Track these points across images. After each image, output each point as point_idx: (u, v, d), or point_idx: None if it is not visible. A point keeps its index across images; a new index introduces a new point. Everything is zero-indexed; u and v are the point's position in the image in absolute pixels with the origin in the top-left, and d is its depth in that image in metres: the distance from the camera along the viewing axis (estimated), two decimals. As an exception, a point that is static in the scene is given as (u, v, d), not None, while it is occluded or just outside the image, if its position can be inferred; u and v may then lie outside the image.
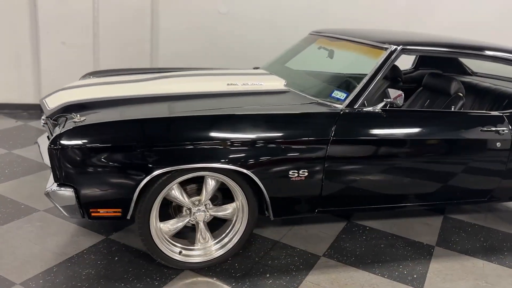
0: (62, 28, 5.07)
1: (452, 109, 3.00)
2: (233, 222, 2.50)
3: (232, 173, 2.32)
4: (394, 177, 2.63)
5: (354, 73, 2.86)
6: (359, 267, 2.65)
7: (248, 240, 2.80)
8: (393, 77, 3.72)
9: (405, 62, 4.12)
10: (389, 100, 2.55)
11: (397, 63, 4.05)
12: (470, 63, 4.30)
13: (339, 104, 2.56)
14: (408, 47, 2.68)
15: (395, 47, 2.66)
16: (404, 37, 2.84)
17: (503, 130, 2.74)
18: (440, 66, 4.24)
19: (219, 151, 2.24)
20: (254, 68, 3.61)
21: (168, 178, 2.23)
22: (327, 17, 5.78)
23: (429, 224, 3.30)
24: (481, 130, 2.72)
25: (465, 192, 2.87)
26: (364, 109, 2.55)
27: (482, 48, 2.86)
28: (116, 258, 2.53)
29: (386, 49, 2.68)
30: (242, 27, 5.59)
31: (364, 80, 2.59)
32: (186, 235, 2.57)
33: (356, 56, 2.89)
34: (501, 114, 2.82)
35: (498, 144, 2.75)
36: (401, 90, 2.55)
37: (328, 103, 2.58)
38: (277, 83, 2.92)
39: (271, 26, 5.64)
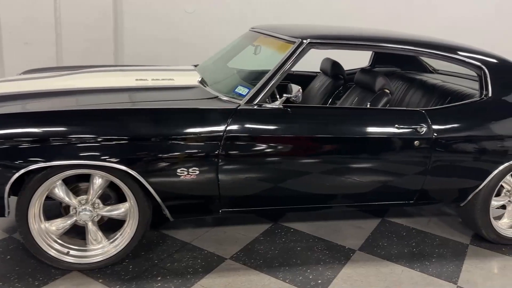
0: (25, 28, 5.08)
1: (379, 106, 2.84)
2: (126, 222, 2.41)
3: (117, 172, 2.23)
4: (301, 177, 2.49)
5: (268, 69, 2.74)
6: (262, 270, 2.52)
7: (157, 241, 2.72)
8: (334, 74, 3.58)
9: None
10: (288, 95, 2.42)
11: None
12: (433, 61, 4.12)
13: (240, 100, 2.44)
14: (316, 40, 2.54)
15: (301, 41, 2.53)
16: (315, 31, 2.70)
17: (421, 128, 2.57)
18: (398, 63, 4.07)
19: (98, 148, 2.16)
20: (194, 66, 3.52)
21: (44, 175, 2.16)
22: (298, 13, 5.67)
23: (362, 227, 3.14)
24: (397, 128, 2.56)
25: (386, 193, 2.71)
26: (264, 105, 2.42)
27: (402, 42, 2.70)
28: (9, 257, 2.47)
29: (293, 43, 2.55)
30: (210, 25, 5.51)
31: (267, 76, 2.47)
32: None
33: (271, 51, 2.77)
34: (421, 111, 2.65)
35: (416, 143, 2.58)
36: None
37: (228, 99, 2.47)
38: (190, 79, 2.82)
39: (239, 24, 5.53)
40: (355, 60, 4.04)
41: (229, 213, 2.54)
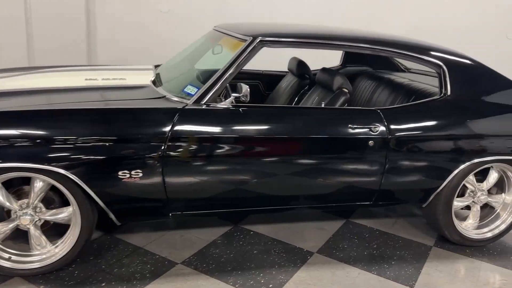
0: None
1: (337, 105, 2.77)
2: (71, 227, 2.34)
3: (56, 175, 2.15)
4: (252, 178, 2.43)
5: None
6: (213, 275, 2.45)
7: (108, 245, 2.65)
8: (300, 73, 3.51)
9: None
10: (236, 95, 2.35)
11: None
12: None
13: (188, 99, 2.37)
14: (268, 38, 2.48)
15: (252, 39, 2.46)
16: (267, 29, 2.63)
17: (376, 127, 2.51)
18: (370, 62, 4.01)
19: (36, 150, 2.09)
20: (155, 66, 3.45)
21: None
22: (271, 14, 5.61)
23: (325, 229, 3.08)
24: (350, 127, 2.49)
25: (344, 194, 2.64)
26: (213, 105, 2.35)
27: (356, 40, 2.64)
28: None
29: (245, 41, 2.49)
30: (184, 25, 5.45)
31: (216, 75, 2.41)
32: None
33: (226, 50, 2.70)
34: (377, 110, 2.58)
35: (371, 143, 2.51)
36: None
37: (176, 99, 2.40)
38: (143, 78, 2.75)
39: (215, 23, 5.47)
40: (331, 59, 3.99)
41: (180, 216, 2.48)
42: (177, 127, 2.24)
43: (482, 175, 2.89)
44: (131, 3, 5.39)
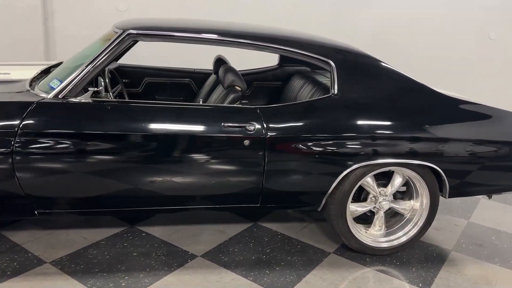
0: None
1: (226, 103, 2.66)
2: None
3: None
4: (114, 177, 2.33)
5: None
6: (75, 276, 2.37)
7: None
8: (217, 71, 3.41)
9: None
10: (94, 89, 2.27)
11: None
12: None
13: (48, 93, 2.31)
14: (136, 31, 2.39)
15: (122, 32, 2.39)
16: (140, 22, 2.54)
17: (251, 126, 2.38)
18: (308, 62, 3.87)
19: None
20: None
21: None
22: (238, 13, 5.54)
23: (225, 232, 2.96)
24: (224, 126, 2.38)
25: (227, 195, 2.52)
26: (70, 99, 2.28)
27: (237, 35, 2.51)
28: None
29: (116, 34, 2.41)
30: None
31: (81, 68, 2.33)
32: None
33: (100, 44, 2.61)
34: (256, 108, 2.46)
35: (246, 142, 2.39)
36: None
37: (35, 93, 2.33)
38: (28, 73, 2.70)
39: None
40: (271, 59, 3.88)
41: (46, 214, 2.40)
42: (28, 121, 2.17)
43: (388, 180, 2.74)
44: (89, 2, 5.38)
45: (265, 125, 2.41)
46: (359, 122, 2.49)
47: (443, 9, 6.05)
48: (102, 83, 2.26)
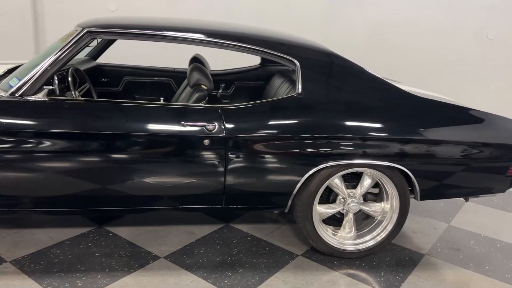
0: None
1: (190, 102, 2.63)
2: None
3: None
4: (71, 176, 2.30)
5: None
6: (33, 276, 2.36)
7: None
8: None
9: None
10: (50, 87, 2.26)
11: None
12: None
13: (6, 92, 2.29)
14: (94, 29, 2.37)
15: (81, 30, 2.36)
16: (98, 20, 2.52)
17: (211, 126, 2.34)
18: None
19: None
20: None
21: None
22: (229, 13, 5.51)
23: (194, 233, 2.93)
24: (184, 125, 2.34)
25: (189, 196, 2.48)
26: (26, 98, 2.26)
27: (200, 32, 2.47)
28: None
29: (75, 32, 2.39)
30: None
31: (39, 67, 2.31)
32: None
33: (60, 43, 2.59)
34: (217, 108, 2.41)
35: (206, 142, 2.35)
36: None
37: (-5, 92, 2.33)
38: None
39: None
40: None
41: (11, 214, 2.38)
42: None
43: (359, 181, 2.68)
44: (79, 2, 5.40)
45: (226, 125, 2.36)
46: (323, 122, 2.44)
47: (441, 8, 5.95)
48: (56, 81, 2.24)
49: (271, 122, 2.41)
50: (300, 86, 2.46)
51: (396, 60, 6.01)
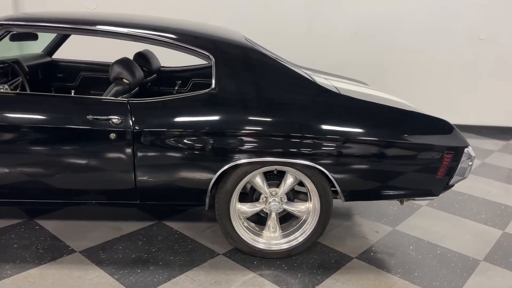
0: None
1: (109, 95, 2.62)
2: None
3: None
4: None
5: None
6: None
7: None
8: (140, 66, 3.37)
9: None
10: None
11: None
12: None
13: None
14: (7, 22, 2.39)
15: (-2, 24, 2.39)
16: (14, 14, 2.53)
17: (118, 120, 2.32)
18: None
19: None
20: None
21: None
22: (206, 12, 5.51)
23: (121, 229, 2.91)
24: (90, 119, 2.33)
25: (103, 191, 2.46)
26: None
27: (111, 24, 2.45)
28: None
29: (-5, 26, 2.42)
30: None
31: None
32: None
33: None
34: (125, 101, 2.39)
35: (112, 135, 2.33)
36: None
37: None
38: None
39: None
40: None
41: None
42: None
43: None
44: (58, 0, 5.49)
45: (133, 119, 2.34)
46: (236, 118, 2.38)
47: (432, 8, 5.79)
48: None
49: (181, 118, 2.37)
50: (214, 81, 2.42)
51: (386, 58, 5.91)
